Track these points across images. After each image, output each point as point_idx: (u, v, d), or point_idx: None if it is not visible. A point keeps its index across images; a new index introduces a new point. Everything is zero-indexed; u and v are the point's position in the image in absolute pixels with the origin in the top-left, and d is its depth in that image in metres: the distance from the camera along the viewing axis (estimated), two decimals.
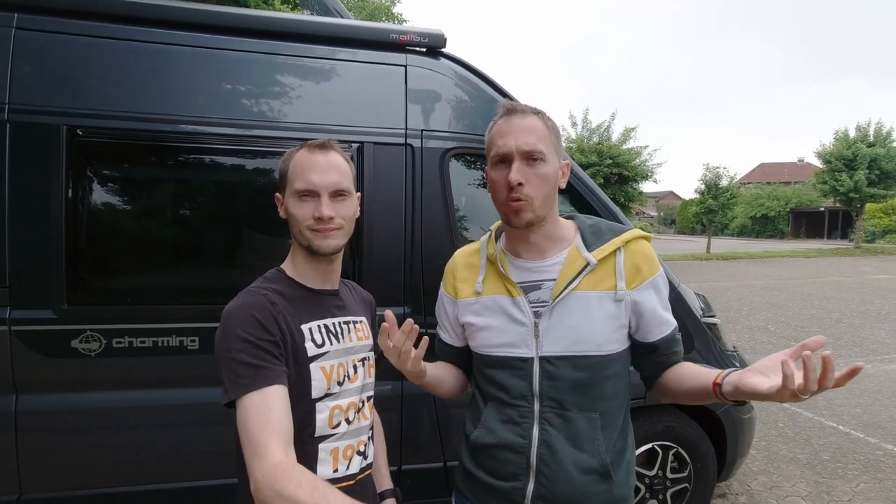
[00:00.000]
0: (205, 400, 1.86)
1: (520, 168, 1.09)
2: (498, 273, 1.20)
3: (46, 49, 1.86)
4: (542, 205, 1.11)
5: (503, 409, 1.17)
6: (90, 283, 1.93)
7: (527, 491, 1.13)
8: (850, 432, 4.17)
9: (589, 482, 1.12)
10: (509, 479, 1.15)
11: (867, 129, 25.06)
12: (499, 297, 1.18)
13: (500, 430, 1.16)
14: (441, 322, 1.34)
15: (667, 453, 2.52)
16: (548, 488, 1.12)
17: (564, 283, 1.13)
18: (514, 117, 1.12)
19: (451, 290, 1.28)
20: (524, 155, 1.09)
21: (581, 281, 1.13)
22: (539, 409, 1.13)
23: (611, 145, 18.11)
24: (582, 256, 1.15)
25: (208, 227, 2.10)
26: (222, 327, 1.06)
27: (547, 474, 1.12)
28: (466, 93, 2.28)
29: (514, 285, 1.17)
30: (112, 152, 1.95)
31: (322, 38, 2.14)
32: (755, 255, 21.82)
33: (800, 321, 8.58)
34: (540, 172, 1.10)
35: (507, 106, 1.15)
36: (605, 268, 1.15)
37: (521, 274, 1.18)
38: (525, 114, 1.13)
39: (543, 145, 1.10)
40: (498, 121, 1.15)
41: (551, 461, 1.12)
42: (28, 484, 1.88)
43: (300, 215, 1.12)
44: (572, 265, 1.14)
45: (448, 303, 1.29)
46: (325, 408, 1.13)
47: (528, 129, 1.10)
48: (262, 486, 0.90)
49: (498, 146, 1.12)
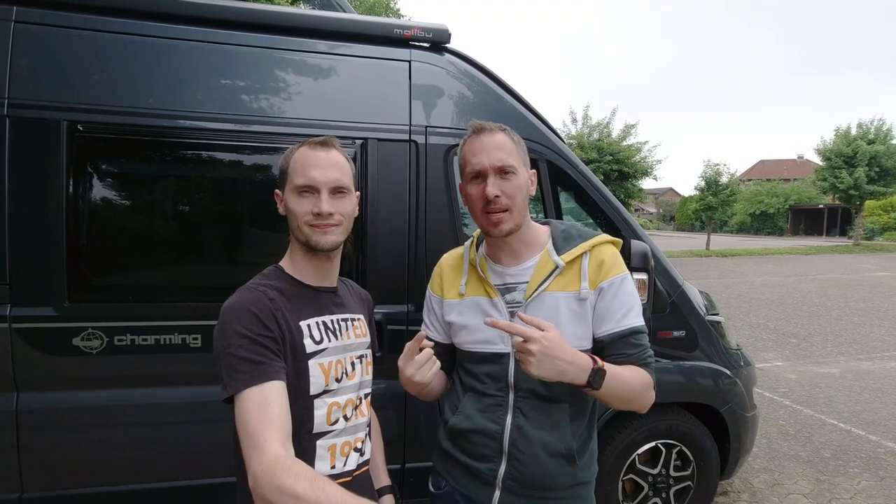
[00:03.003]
0: (206, 398, 1.84)
1: (494, 182, 1.21)
2: (479, 276, 1.32)
3: (46, 43, 1.84)
4: (518, 213, 1.23)
5: (480, 398, 1.29)
6: (91, 281, 1.91)
7: (499, 471, 1.26)
8: (851, 430, 4.18)
9: (555, 464, 1.24)
10: (484, 460, 1.28)
11: (868, 127, 25.05)
12: (478, 298, 1.31)
13: (477, 417, 1.28)
14: (429, 322, 1.42)
15: (670, 451, 2.51)
16: (518, 469, 1.24)
17: (536, 284, 1.25)
18: (483, 135, 1.23)
19: (438, 291, 1.40)
20: (497, 170, 1.21)
21: (551, 282, 1.25)
22: (513, 399, 1.26)
23: (611, 142, 18.10)
24: (552, 260, 1.26)
25: (211, 223, 2.08)
26: (221, 323, 1.06)
27: (518, 457, 1.24)
28: (470, 89, 2.26)
29: (492, 287, 1.29)
30: (113, 148, 1.93)
31: (326, 33, 2.12)
32: (755, 252, 21.84)
33: (799, 318, 8.59)
34: (513, 184, 1.22)
35: (476, 126, 1.26)
36: (573, 270, 1.26)
37: (499, 277, 1.30)
38: (493, 132, 1.24)
39: (513, 159, 1.22)
40: (468, 139, 1.26)
41: (522, 445, 1.24)
42: (30, 482, 1.87)
43: (299, 211, 1.13)
44: (543, 268, 1.26)
45: (436, 303, 1.40)
46: (324, 404, 1.14)
47: (498, 146, 1.22)
48: (261, 479, 0.90)
49: (472, 164, 1.23)
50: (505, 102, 2.29)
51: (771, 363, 6.06)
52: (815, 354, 6.48)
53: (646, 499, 2.52)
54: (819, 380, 5.46)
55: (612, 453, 2.42)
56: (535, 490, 1.25)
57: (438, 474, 1.39)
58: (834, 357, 6.36)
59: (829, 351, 6.64)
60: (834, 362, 6.13)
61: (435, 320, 1.40)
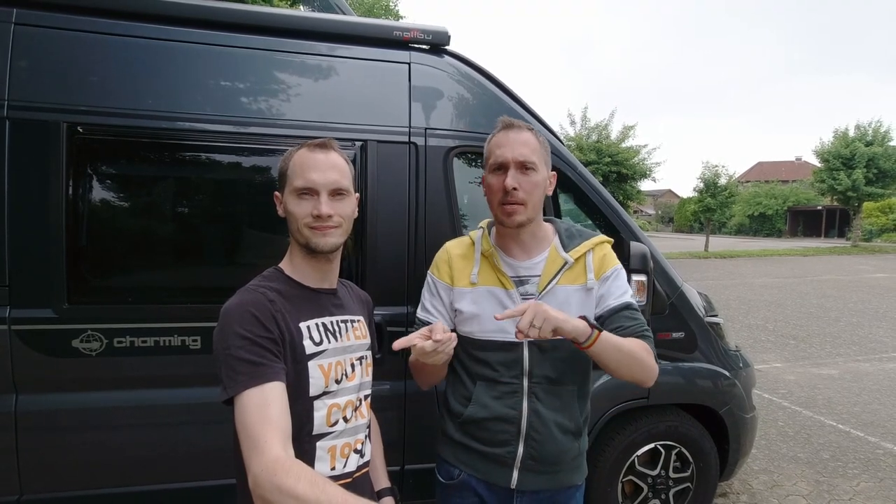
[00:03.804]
0: (206, 399, 1.84)
1: (515, 175, 1.28)
2: (492, 267, 1.38)
3: (46, 45, 1.84)
4: (533, 208, 1.31)
5: (495, 386, 1.35)
6: (91, 282, 1.91)
7: (517, 453, 1.34)
8: (850, 431, 4.18)
9: (567, 440, 1.36)
10: (502, 445, 1.35)
11: (866, 129, 25.12)
12: (493, 288, 1.36)
13: (493, 404, 1.35)
14: (432, 306, 1.44)
15: (669, 453, 2.51)
16: (536, 449, 1.34)
17: (548, 278, 1.35)
18: (511, 131, 1.32)
19: (446, 279, 1.43)
20: (519, 164, 1.29)
21: (561, 276, 1.35)
22: (528, 385, 1.34)
23: (610, 143, 18.13)
24: (561, 256, 1.37)
25: (210, 225, 2.08)
26: (221, 325, 1.07)
27: (536, 437, 1.34)
28: (470, 91, 2.27)
29: (507, 279, 1.35)
30: (113, 149, 1.93)
31: (325, 35, 2.12)
32: (753, 253, 21.86)
33: (798, 319, 8.60)
34: (532, 180, 1.30)
35: (506, 121, 1.35)
36: (579, 266, 1.37)
37: (512, 269, 1.37)
38: (521, 129, 1.33)
39: (536, 157, 1.30)
40: (497, 133, 1.35)
41: (539, 426, 1.33)
42: (29, 484, 1.86)
43: (299, 213, 1.13)
44: (553, 263, 1.36)
45: (443, 289, 1.43)
46: (324, 406, 1.14)
47: (523, 143, 1.30)
48: (261, 480, 0.91)
49: (496, 155, 1.32)
50: (504, 104, 2.30)
51: (770, 364, 6.07)
52: (813, 356, 6.49)
53: (645, 500, 2.52)
54: (818, 381, 5.47)
55: (611, 455, 2.42)
56: (550, 465, 1.36)
57: (449, 464, 1.43)
58: (833, 358, 6.36)
59: (827, 352, 6.65)
60: (833, 363, 6.14)
61: (441, 306, 1.43)
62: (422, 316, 1.45)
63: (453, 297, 1.40)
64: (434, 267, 1.47)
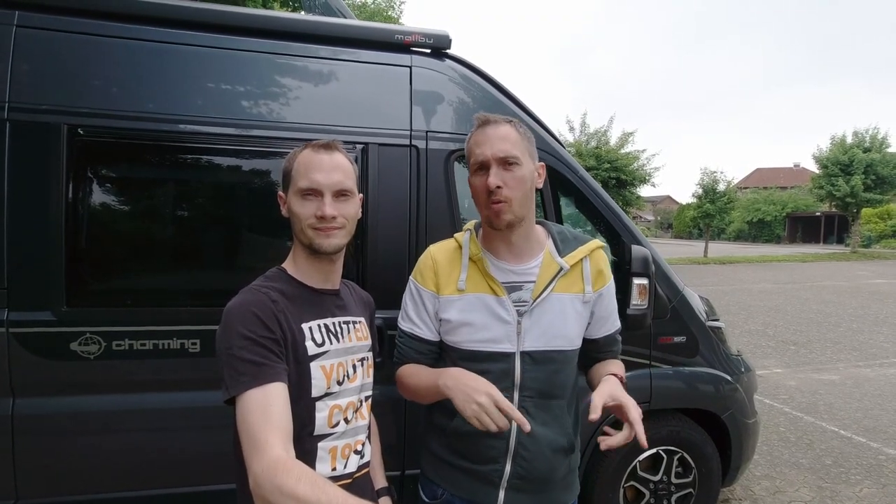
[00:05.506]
0: (206, 403, 1.84)
1: (497, 173, 1.20)
2: (481, 272, 1.28)
3: (47, 47, 1.84)
4: (520, 205, 1.22)
5: None
6: (90, 285, 1.90)
7: (504, 471, 1.26)
8: (852, 437, 4.16)
9: (558, 458, 1.29)
10: (488, 462, 1.26)
11: (864, 135, 25.22)
12: (483, 296, 1.27)
13: None
14: (418, 318, 1.34)
15: (671, 458, 2.50)
16: (525, 468, 1.26)
17: (543, 285, 1.26)
18: (489, 127, 1.23)
19: (431, 286, 1.32)
20: (500, 161, 1.20)
21: (556, 283, 1.27)
22: (518, 398, 1.25)
23: (609, 149, 18.17)
24: (556, 261, 1.28)
25: (210, 228, 2.07)
26: (223, 325, 1.06)
27: (525, 456, 1.25)
28: (471, 94, 2.27)
29: (498, 285, 1.26)
30: (114, 152, 1.93)
31: (327, 39, 2.12)
32: (753, 259, 21.89)
33: (798, 325, 8.59)
34: (516, 175, 1.21)
35: (482, 118, 1.26)
36: (575, 272, 1.30)
37: (503, 275, 1.28)
38: (498, 123, 1.24)
39: (517, 150, 1.21)
40: (474, 131, 1.26)
41: (529, 443, 1.25)
42: (25, 489, 1.84)
43: (302, 213, 1.13)
44: (548, 269, 1.28)
45: (428, 298, 1.32)
46: (325, 407, 1.14)
47: (502, 137, 1.21)
48: (262, 480, 0.90)
49: (476, 155, 1.24)
50: (505, 107, 2.30)
51: (770, 370, 6.05)
52: (814, 361, 6.47)
53: None
54: (819, 386, 5.45)
55: (612, 460, 2.40)
56: (539, 485, 1.28)
57: (432, 482, 1.35)
58: (833, 364, 6.35)
59: (828, 358, 6.63)
60: (833, 369, 6.12)
61: (426, 317, 1.33)
62: (406, 328, 1.35)
63: (439, 307, 1.30)
64: (417, 273, 1.36)
